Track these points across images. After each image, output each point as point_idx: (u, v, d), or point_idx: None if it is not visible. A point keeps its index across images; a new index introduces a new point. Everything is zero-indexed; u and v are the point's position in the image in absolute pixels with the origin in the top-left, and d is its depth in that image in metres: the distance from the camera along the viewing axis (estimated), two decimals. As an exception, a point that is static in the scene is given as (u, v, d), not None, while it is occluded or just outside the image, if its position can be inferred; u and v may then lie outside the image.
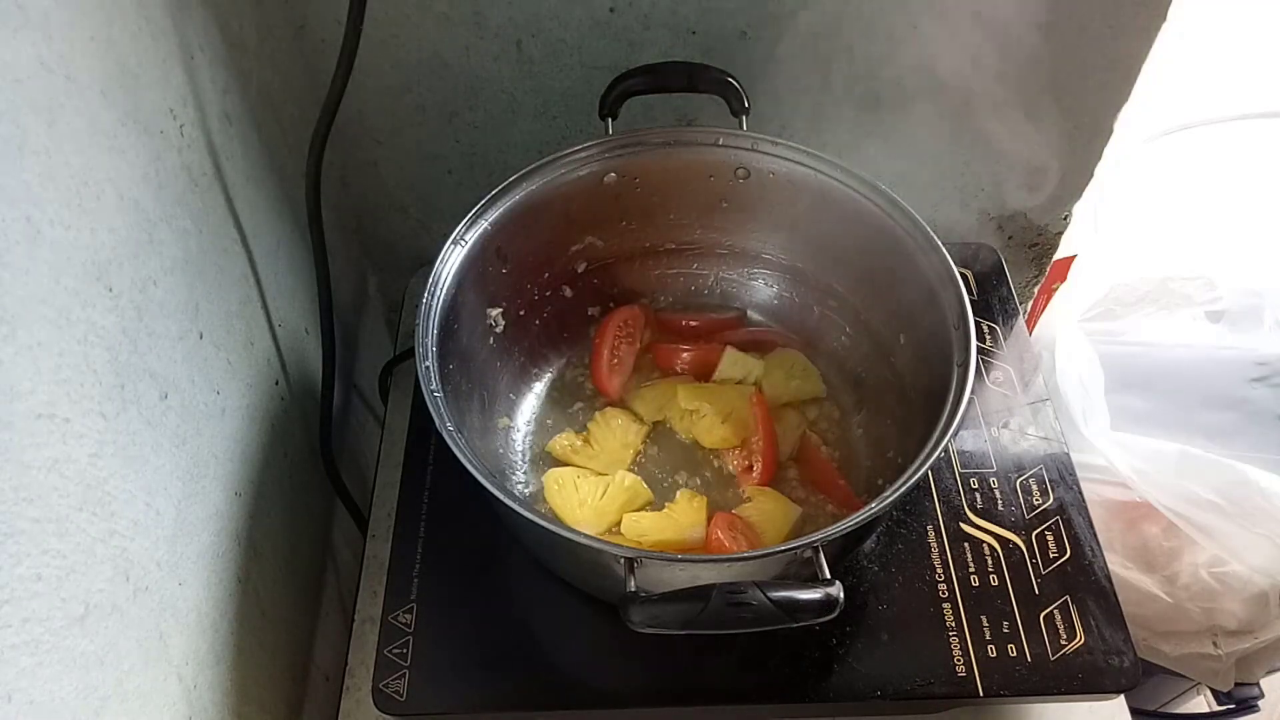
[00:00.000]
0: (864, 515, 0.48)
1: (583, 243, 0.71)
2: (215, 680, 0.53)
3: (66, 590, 0.38)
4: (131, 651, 0.44)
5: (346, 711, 0.63)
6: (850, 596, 0.47)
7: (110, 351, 0.43)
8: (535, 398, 0.74)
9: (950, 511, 0.65)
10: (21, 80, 0.37)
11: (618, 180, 0.67)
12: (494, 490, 0.49)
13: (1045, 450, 0.68)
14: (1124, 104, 0.75)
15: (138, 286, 0.46)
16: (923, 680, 0.57)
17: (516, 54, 0.71)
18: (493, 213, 0.62)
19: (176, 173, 0.51)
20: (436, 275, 0.59)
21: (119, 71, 0.45)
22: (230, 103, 0.60)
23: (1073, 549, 0.62)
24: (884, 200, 0.61)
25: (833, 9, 0.68)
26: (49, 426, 0.37)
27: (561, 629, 0.60)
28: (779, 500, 0.65)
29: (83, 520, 0.40)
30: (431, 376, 0.54)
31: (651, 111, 0.74)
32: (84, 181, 0.41)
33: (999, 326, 0.76)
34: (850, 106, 0.75)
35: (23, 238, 0.36)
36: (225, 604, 0.55)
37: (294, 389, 0.70)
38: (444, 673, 0.57)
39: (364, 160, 0.80)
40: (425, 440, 0.68)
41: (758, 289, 0.77)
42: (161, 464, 0.48)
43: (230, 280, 0.59)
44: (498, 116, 0.76)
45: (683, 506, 0.65)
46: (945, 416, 0.52)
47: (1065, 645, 0.58)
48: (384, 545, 0.65)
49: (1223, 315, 0.93)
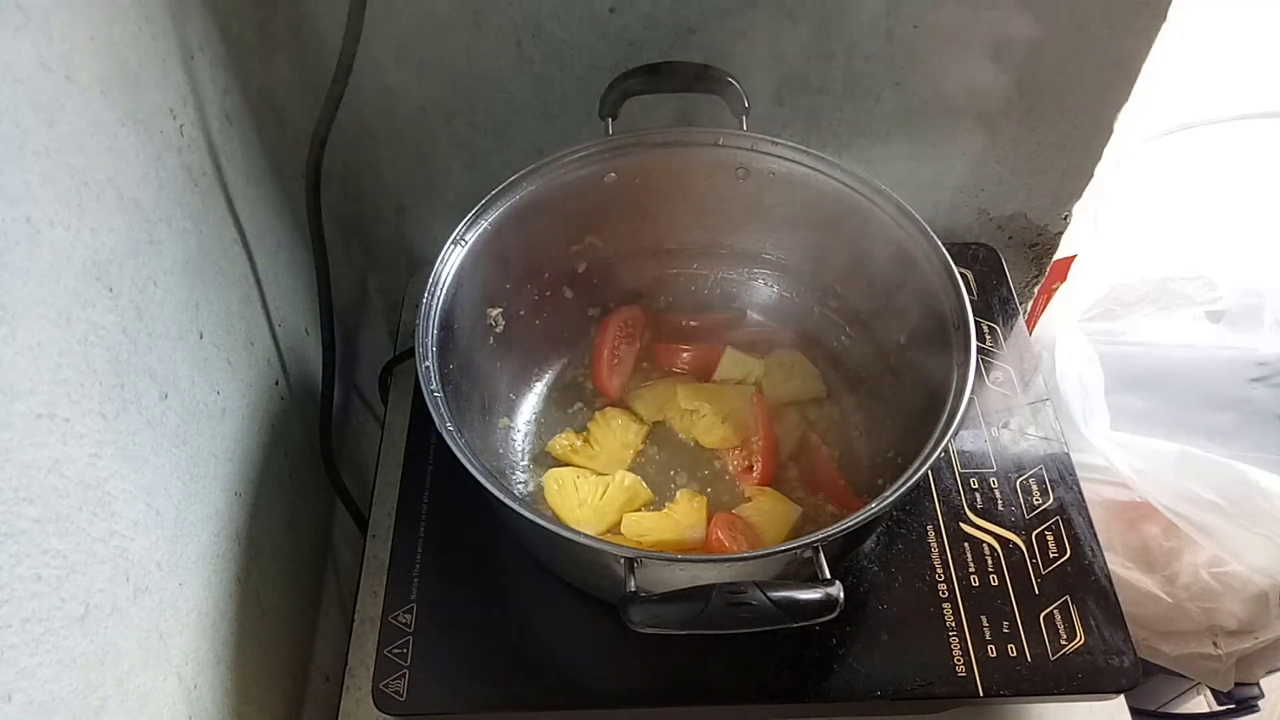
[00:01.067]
0: (864, 515, 0.48)
1: (583, 243, 0.71)
2: (215, 680, 0.53)
3: (66, 590, 0.38)
4: (131, 651, 0.44)
5: (346, 711, 0.63)
6: (850, 596, 0.47)
7: (110, 351, 0.43)
8: (535, 398, 0.74)
9: (950, 511, 0.65)
10: (21, 80, 0.37)
11: (618, 180, 0.67)
12: (494, 490, 0.49)
13: (1045, 450, 0.68)
14: (1124, 104, 0.75)
15: (138, 286, 0.46)
16: (923, 680, 0.57)
17: (516, 54, 0.71)
18: (493, 213, 0.62)
19: (176, 173, 0.51)
20: (436, 275, 0.59)
21: (119, 71, 0.45)
22: (230, 103, 0.60)
23: (1073, 549, 0.62)
24: (884, 200, 0.61)
25: (833, 9, 0.68)
26: (49, 426, 0.37)
27: (561, 629, 0.60)
28: (779, 500, 0.65)
29: (83, 520, 0.40)
30: (431, 376, 0.54)
31: (651, 111, 0.74)
32: (84, 181, 0.41)
33: (999, 326, 0.76)
34: (850, 107, 0.75)
35: (23, 238, 0.36)
36: (225, 604, 0.55)
37: (294, 389, 0.70)
38: (444, 673, 0.57)
39: (364, 160, 0.80)
40: (425, 440, 0.68)
41: (758, 289, 0.77)
42: (161, 464, 0.48)
43: (230, 280, 0.59)
44: (498, 116, 0.76)
45: (683, 506, 0.65)
46: (945, 416, 0.52)
47: (1065, 645, 0.58)
48: (384, 545, 0.65)
49: (1223, 315, 0.93)
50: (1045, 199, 0.84)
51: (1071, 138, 0.78)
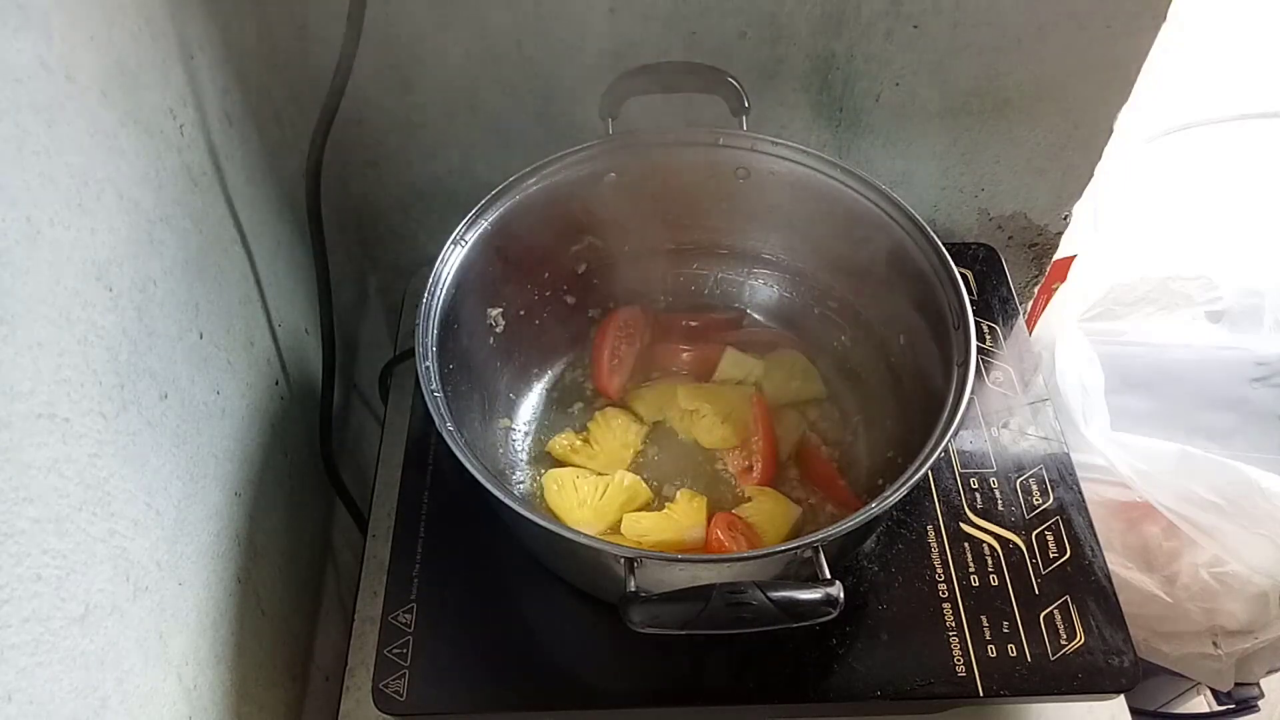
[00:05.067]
0: (864, 515, 0.48)
1: (583, 243, 0.71)
2: (215, 680, 0.53)
3: (66, 590, 0.38)
4: (131, 651, 0.44)
5: (346, 711, 0.63)
6: (850, 596, 0.47)
7: (110, 351, 0.43)
8: (535, 398, 0.74)
9: (950, 511, 0.65)
10: (21, 80, 0.37)
11: (618, 180, 0.67)
12: (494, 490, 0.49)
13: (1045, 450, 0.68)
14: (1124, 104, 0.75)
15: (138, 286, 0.46)
16: (923, 680, 0.57)
17: (517, 54, 0.71)
18: (493, 213, 0.62)
19: (176, 173, 0.51)
20: (436, 275, 0.59)
21: (119, 71, 0.45)
22: (230, 103, 0.60)
23: (1073, 549, 0.62)
24: (884, 200, 0.61)
25: (832, 9, 0.68)
26: (49, 426, 0.37)
27: (561, 629, 0.60)
28: (779, 500, 0.65)
29: (83, 520, 0.40)
30: (431, 376, 0.54)
31: (651, 111, 0.74)
32: (84, 181, 0.41)
33: (999, 326, 0.76)
34: (850, 107, 0.75)
35: (23, 238, 0.36)
36: (225, 604, 0.55)
37: (294, 389, 0.70)
38: (444, 673, 0.57)
39: (364, 160, 0.80)
40: (425, 440, 0.68)
41: (758, 289, 0.77)
42: (161, 464, 0.48)
43: (230, 280, 0.59)
44: (498, 116, 0.76)
45: (683, 506, 0.65)
46: (945, 416, 0.52)
47: (1065, 645, 0.58)
48: (384, 545, 0.65)
49: (1223, 315, 0.93)
50: (1045, 199, 0.84)
51: (1071, 138, 0.78)
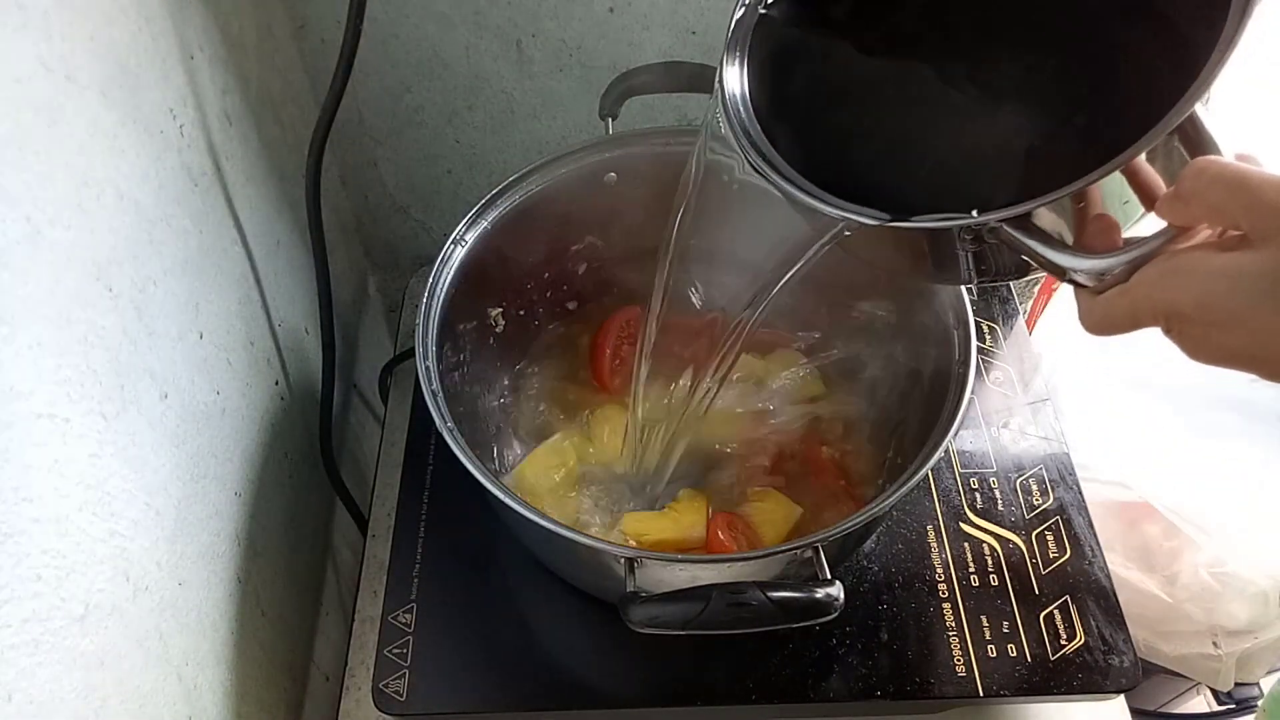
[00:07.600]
0: (864, 515, 0.48)
1: (583, 243, 0.71)
2: (215, 680, 0.53)
3: (66, 590, 0.38)
4: (131, 651, 0.44)
5: (346, 711, 0.63)
6: (850, 596, 0.47)
7: (110, 351, 0.43)
8: (535, 398, 0.74)
9: (950, 511, 0.64)
10: (21, 80, 0.37)
11: (618, 180, 0.67)
12: (494, 489, 0.49)
13: (1045, 450, 0.68)
14: (1124, 104, 0.75)
15: (138, 286, 0.46)
16: (923, 680, 0.57)
17: (516, 54, 0.71)
18: (493, 213, 0.62)
19: (176, 173, 0.51)
20: (436, 275, 0.59)
21: (119, 71, 0.45)
22: (230, 103, 0.60)
23: (1073, 549, 0.62)
24: (884, 200, 0.61)
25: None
26: (49, 426, 0.37)
27: (561, 629, 0.60)
28: (779, 500, 0.65)
29: (83, 520, 0.40)
30: (431, 376, 0.54)
31: (651, 111, 0.74)
32: (84, 181, 0.41)
33: (999, 326, 0.76)
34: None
35: (23, 238, 0.36)
36: (225, 604, 0.55)
37: (294, 389, 0.70)
38: (444, 673, 0.57)
39: (364, 160, 0.80)
40: (425, 440, 0.68)
41: (758, 289, 0.76)
42: (161, 464, 0.48)
43: (230, 280, 0.59)
44: (498, 116, 0.76)
45: (683, 506, 0.65)
46: (945, 417, 0.52)
47: (1065, 645, 0.58)
48: (384, 545, 0.65)
49: (1223, 315, 0.92)
50: (1045, 199, 0.84)
51: (1071, 138, 0.78)
